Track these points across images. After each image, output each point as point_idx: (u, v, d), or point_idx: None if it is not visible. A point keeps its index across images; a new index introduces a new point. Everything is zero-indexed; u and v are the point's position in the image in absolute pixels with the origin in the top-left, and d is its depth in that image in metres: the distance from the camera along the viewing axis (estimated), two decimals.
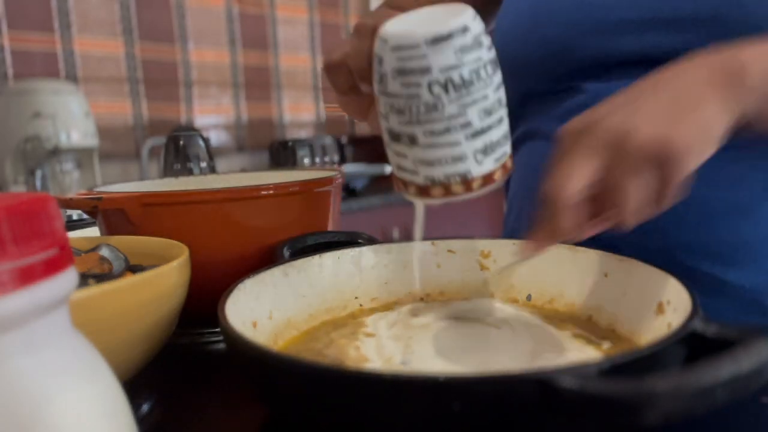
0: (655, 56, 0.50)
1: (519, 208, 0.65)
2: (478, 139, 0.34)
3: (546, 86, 0.60)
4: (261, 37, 2.10)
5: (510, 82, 0.66)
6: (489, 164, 0.35)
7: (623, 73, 0.52)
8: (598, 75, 0.54)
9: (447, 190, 0.35)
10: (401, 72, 0.33)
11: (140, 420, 0.20)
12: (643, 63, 0.50)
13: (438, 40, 0.32)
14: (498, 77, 0.36)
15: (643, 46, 0.51)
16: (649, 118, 0.33)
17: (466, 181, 0.35)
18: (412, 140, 0.35)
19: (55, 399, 0.16)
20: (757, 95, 0.36)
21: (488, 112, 0.35)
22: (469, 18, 0.33)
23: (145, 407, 0.39)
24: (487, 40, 0.35)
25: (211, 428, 0.38)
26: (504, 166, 0.36)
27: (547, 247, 0.37)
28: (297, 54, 2.21)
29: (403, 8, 0.70)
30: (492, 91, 0.35)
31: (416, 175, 0.36)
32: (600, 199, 0.34)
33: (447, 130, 0.34)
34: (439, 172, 0.35)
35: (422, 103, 0.34)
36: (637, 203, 0.33)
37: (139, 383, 0.39)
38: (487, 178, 0.35)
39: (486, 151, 0.35)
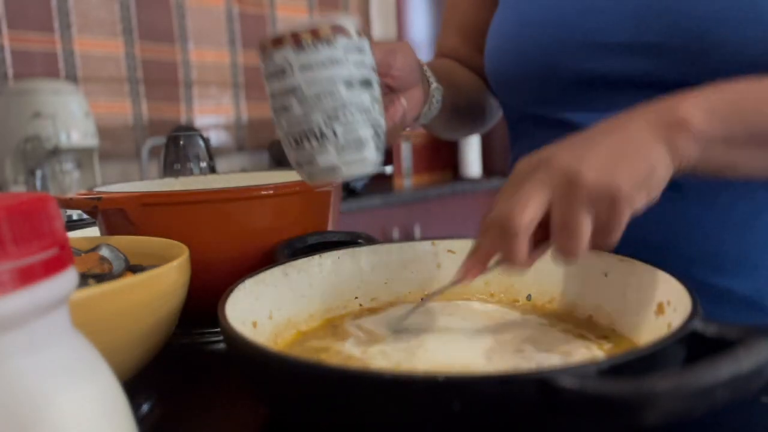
0: (631, 79, 0.52)
1: None
2: None
3: (530, 107, 0.61)
4: (261, 37, 2.10)
5: (500, 100, 0.67)
6: None
7: (603, 99, 0.55)
8: (579, 99, 0.56)
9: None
10: None
11: (140, 420, 0.20)
12: (620, 86, 0.53)
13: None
14: None
15: (622, 68, 0.52)
16: (596, 161, 0.35)
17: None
18: None
19: (55, 399, 0.16)
20: (699, 143, 0.38)
21: None
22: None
23: (145, 407, 0.39)
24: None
25: (211, 428, 0.38)
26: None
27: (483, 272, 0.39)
28: None
29: (446, 55, 0.75)
30: None
31: None
32: (546, 229, 0.36)
33: None
34: None
35: None
36: (582, 236, 0.35)
37: (139, 383, 0.39)
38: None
39: None
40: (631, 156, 0.36)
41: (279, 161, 1.99)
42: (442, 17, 0.79)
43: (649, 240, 0.43)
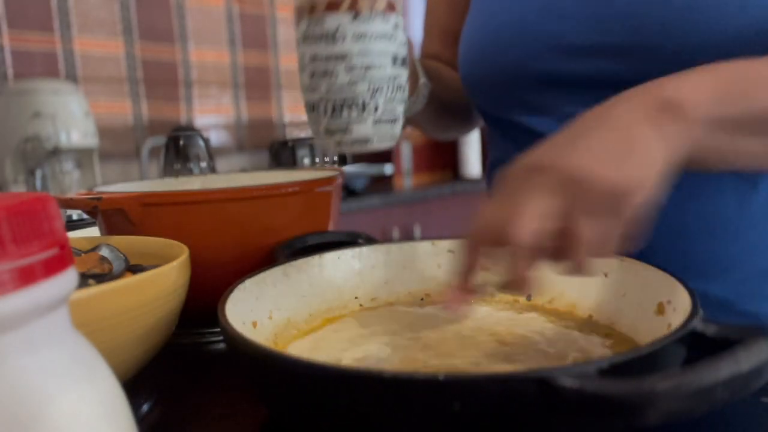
0: (594, 82, 0.52)
1: None
2: None
3: (497, 112, 0.62)
4: (261, 37, 2.10)
5: (474, 104, 0.67)
6: None
7: (565, 103, 0.54)
8: (541, 103, 0.56)
9: None
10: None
11: (140, 420, 0.20)
12: (583, 89, 0.53)
13: None
14: None
15: (585, 71, 0.52)
16: (597, 159, 0.32)
17: None
18: None
19: (54, 399, 0.16)
20: (693, 125, 0.34)
21: None
22: None
23: (145, 407, 0.39)
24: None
25: (211, 428, 0.38)
26: None
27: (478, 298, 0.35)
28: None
29: (431, 57, 0.76)
30: None
31: None
32: (554, 240, 0.32)
33: None
34: None
35: None
36: (594, 244, 0.32)
37: (139, 383, 0.39)
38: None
39: None
40: (630, 148, 0.33)
41: (279, 161, 1.99)
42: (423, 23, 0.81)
43: None
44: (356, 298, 0.48)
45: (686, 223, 0.52)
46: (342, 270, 0.49)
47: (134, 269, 0.45)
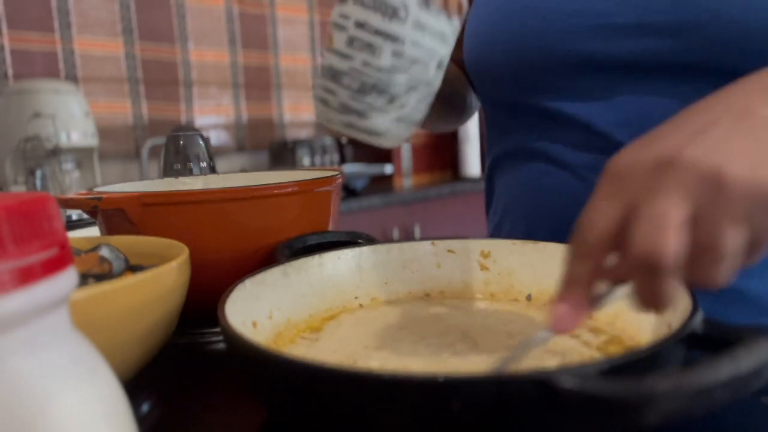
0: (637, 63, 0.49)
1: (512, 222, 0.64)
2: None
3: (518, 97, 0.58)
4: (261, 37, 2.10)
5: (481, 91, 0.63)
6: None
7: (604, 85, 0.51)
8: (577, 87, 0.53)
9: None
10: None
11: (140, 420, 0.20)
12: (623, 71, 0.50)
13: None
14: None
15: (627, 52, 0.49)
16: (739, 154, 0.27)
17: None
18: None
19: (55, 399, 0.16)
20: None
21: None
22: None
23: (145, 407, 0.39)
24: None
25: (210, 428, 0.38)
26: None
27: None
28: (297, 54, 2.21)
29: None
30: None
31: None
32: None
33: None
34: None
35: None
36: (733, 258, 0.27)
37: (139, 383, 0.39)
38: None
39: None
40: None
41: (279, 161, 1.99)
42: None
43: None
44: (356, 298, 0.48)
45: None
46: (342, 270, 0.49)
47: (134, 269, 0.45)
